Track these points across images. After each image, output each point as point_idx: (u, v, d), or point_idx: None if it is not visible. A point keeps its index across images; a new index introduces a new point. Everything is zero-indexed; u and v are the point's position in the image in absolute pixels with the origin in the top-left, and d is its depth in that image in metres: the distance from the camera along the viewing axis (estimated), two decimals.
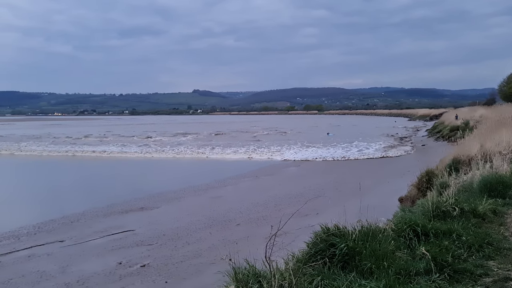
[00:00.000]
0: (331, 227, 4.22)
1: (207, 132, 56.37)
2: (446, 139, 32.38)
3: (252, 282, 3.18)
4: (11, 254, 9.26)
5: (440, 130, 38.82)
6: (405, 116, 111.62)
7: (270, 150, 31.16)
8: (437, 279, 3.69)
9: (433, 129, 43.84)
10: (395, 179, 17.67)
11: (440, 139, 34.64)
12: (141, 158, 29.18)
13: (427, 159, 16.89)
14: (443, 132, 36.55)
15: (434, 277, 3.72)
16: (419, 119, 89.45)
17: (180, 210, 13.59)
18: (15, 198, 16.78)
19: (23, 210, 14.38)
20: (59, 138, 48.52)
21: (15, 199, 16.55)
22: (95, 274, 7.92)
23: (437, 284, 3.63)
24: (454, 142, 24.39)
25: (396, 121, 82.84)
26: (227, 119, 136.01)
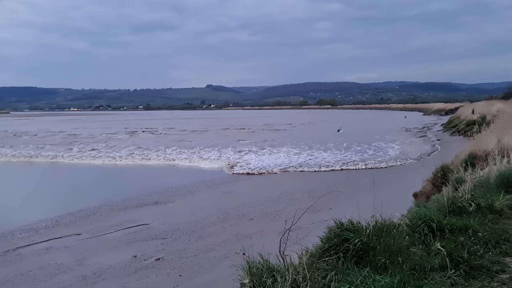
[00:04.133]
0: (345, 222, 4.22)
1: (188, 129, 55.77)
2: (462, 133, 31.87)
3: (266, 276, 3.20)
4: (30, 246, 9.46)
5: (456, 125, 38.22)
6: (419, 111, 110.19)
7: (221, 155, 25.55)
8: (453, 275, 3.66)
9: (449, 123, 43.18)
10: (409, 175, 17.52)
11: (456, 133, 34.12)
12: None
13: (443, 154, 16.69)
14: (458, 127, 35.98)
15: (449, 273, 3.69)
16: (434, 114, 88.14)
17: (193, 204, 13.69)
18: (33, 193, 17.11)
19: (41, 204, 14.64)
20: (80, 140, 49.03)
21: (33, 194, 16.88)
22: (111, 267, 8.05)
23: (453, 280, 3.60)
24: (470, 136, 24.04)
25: (407, 116, 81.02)
26: (236, 114, 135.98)
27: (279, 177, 18.38)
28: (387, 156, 23.48)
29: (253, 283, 3.19)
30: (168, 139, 38.32)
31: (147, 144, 32.87)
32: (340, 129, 45.19)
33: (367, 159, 22.48)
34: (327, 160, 22.85)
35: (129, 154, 26.92)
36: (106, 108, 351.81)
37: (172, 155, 26.37)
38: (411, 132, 42.02)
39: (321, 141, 32.47)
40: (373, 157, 23.56)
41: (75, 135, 45.02)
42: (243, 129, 52.92)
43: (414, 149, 26.48)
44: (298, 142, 32.16)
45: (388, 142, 31.32)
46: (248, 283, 3.20)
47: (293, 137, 36.76)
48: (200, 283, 7.13)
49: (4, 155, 27.81)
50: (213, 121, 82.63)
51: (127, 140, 37.81)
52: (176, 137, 41.29)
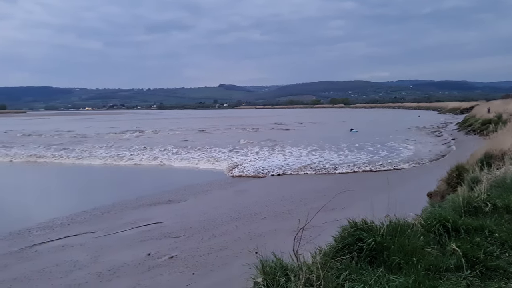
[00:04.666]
0: (358, 221, 4.19)
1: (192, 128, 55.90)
2: (478, 132, 31.42)
3: (280, 275, 3.20)
4: (46, 243, 9.61)
5: (471, 124, 37.68)
6: (434, 110, 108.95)
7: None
8: (468, 276, 3.61)
9: (464, 122, 42.57)
10: (423, 174, 17.34)
11: (471, 133, 33.65)
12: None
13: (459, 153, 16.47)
14: (474, 126, 35.47)
15: (465, 273, 3.64)
16: (449, 113, 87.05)
17: (206, 203, 13.75)
18: (48, 191, 17.39)
19: (56, 202, 14.87)
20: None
21: (48, 192, 17.16)
22: (125, 265, 8.13)
23: (468, 281, 3.56)
24: (486, 136, 23.67)
25: (421, 115, 79.86)
26: (248, 113, 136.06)
27: (289, 178, 18.34)
28: (400, 157, 22.74)
29: (266, 281, 3.19)
30: (177, 139, 38.48)
31: (155, 144, 33.03)
32: (353, 128, 44.68)
33: (379, 160, 21.65)
34: (338, 161, 22.04)
35: (132, 154, 26.64)
36: (120, 107, 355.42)
37: (181, 154, 26.27)
38: (426, 131, 41.55)
39: (333, 141, 31.99)
40: (386, 158, 22.65)
41: (84, 135, 45.56)
42: (255, 128, 52.91)
43: (428, 149, 26.17)
44: (309, 142, 31.69)
45: (402, 142, 30.72)
46: (262, 282, 3.20)
47: (304, 137, 36.39)
48: (213, 281, 7.17)
49: (18, 155, 28.26)
50: (226, 120, 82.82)
51: (134, 140, 38.12)
52: (183, 136, 41.51)
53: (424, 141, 31.41)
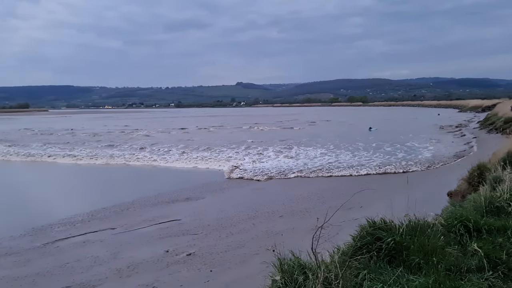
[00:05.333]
0: (377, 221, 4.16)
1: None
2: (500, 131, 30.74)
3: (298, 273, 3.20)
4: (68, 239, 9.81)
5: (493, 122, 36.89)
6: (455, 108, 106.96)
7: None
8: (490, 277, 3.55)
9: (485, 120, 41.70)
10: (443, 173, 17.07)
11: (493, 131, 32.94)
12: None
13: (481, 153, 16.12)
14: (496, 124, 34.70)
15: (487, 274, 3.58)
16: (470, 111, 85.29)
17: (223, 201, 13.82)
18: (69, 189, 17.74)
19: (77, 199, 15.14)
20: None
21: (69, 190, 17.50)
22: (144, 261, 8.24)
23: (490, 282, 3.50)
24: (508, 134, 23.14)
25: (440, 113, 78.27)
26: (266, 112, 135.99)
27: (304, 178, 18.25)
28: (418, 158, 21.78)
29: (284, 279, 3.20)
30: (197, 138, 38.72)
31: (166, 142, 33.24)
32: (371, 127, 44.13)
33: (396, 162, 20.55)
34: (352, 162, 21.11)
35: (133, 154, 26.38)
36: (139, 106, 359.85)
37: (193, 154, 26.20)
38: (446, 129, 40.83)
39: (350, 140, 31.46)
40: (404, 159, 21.47)
41: (97, 133, 46.24)
42: (271, 126, 52.89)
43: (449, 148, 25.71)
44: (325, 141, 31.16)
45: (422, 141, 30.03)
46: (280, 280, 3.21)
47: (321, 136, 35.93)
48: (230, 279, 7.20)
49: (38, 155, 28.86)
50: (243, 118, 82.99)
51: (146, 139, 38.45)
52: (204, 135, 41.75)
53: (445, 139, 30.85)
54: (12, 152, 28.94)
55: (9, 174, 21.98)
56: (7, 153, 28.58)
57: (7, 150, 29.95)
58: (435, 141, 29.79)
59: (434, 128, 43.03)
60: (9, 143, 35.49)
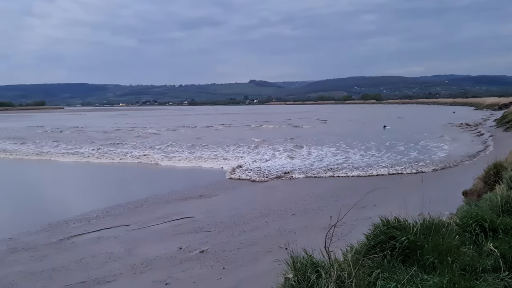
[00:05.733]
0: (391, 219, 4.13)
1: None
2: None
3: (310, 271, 3.20)
4: (83, 235, 9.95)
5: (510, 120, 36.24)
6: (471, 105, 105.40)
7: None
8: (506, 277, 3.50)
9: (502, 118, 40.95)
10: (458, 172, 16.86)
11: (510, 129, 32.36)
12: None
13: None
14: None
15: (503, 275, 3.53)
16: (486, 108, 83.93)
17: (236, 198, 13.87)
18: (84, 186, 17.99)
19: (92, 196, 15.35)
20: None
21: (84, 187, 17.75)
22: (157, 258, 8.32)
23: (506, 282, 3.44)
24: None
25: (456, 111, 77.01)
26: (278, 110, 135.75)
27: (313, 177, 18.19)
28: (432, 158, 21.04)
29: (297, 278, 3.20)
30: (209, 136, 38.86)
31: (181, 140, 33.42)
32: (386, 125, 43.52)
33: (409, 162, 19.86)
34: (364, 161, 20.55)
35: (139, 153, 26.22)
36: (152, 103, 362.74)
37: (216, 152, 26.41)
38: (462, 128, 40.27)
39: (362, 139, 30.77)
40: (416, 159, 20.73)
41: (106, 131, 46.68)
42: (282, 125, 52.80)
43: (464, 146, 25.35)
44: (337, 140, 30.48)
45: (436, 140, 29.39)
46: (292, 278, 3.21)
47: (332, 135, 35.32)
48: (243, 276, 7.23)
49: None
50: (255, 116, 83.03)
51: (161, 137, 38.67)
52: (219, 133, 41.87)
53: (460, 138, 30.44)
54: (25, 150, 29.35)
55: (22, 172, 22.36)
56: (20, 151, 28.97)
57: (19, 148, 30.47)
58: (450, 139, 29.38)
59: (449, 126, 42.47)
60: (20, 140, 36.04)
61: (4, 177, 20.45)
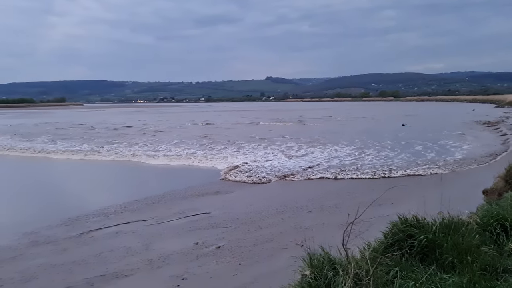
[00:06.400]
0: (409, 217, 4.09)
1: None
2: None
3: (328, 268, 3.19)
4: (101, 230, 10.12)
5: None
6: (491, 103, 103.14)
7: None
8: None
9: None
10: (478, 171, 16.57)
11: None
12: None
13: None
14: None
15: None
16: (508, 106, 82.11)
17: (252, 195, 13.91)
18: (102, 182, 18.28)
19: (110, 192, 15.59)
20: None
21: (102, 183, 18.03)
22: (174, 253, 8.40)
23: None
24: None
25: (475, 109, 75.31)
26: (295, 106, 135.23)
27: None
28: (451, 158, 19.89)
29: (314, 275, 3.20)
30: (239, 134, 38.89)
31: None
32: (404, 124, 42.15)
33: (423, 164, 18.36)
34: (380, 162, 19.37)
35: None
36: (170, 100, 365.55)
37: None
38: (482, 126, 39.48)
39: (378, 137, 29.68)
40: (434, 160, 19.46)
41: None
42: (297, 123, 52.59)
43: (484, 145, 24.83)
44: (352, 138, 29.34)
45: (456, 139, 28.24)
46: (309, 275, 3.21)
47: (347, 133, 34.19)
48: (259, 273, 7.25)
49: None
50: (271, 113, 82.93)
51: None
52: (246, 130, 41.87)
53: (480, 136, 29.81)
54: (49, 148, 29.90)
55: (35, 169, 22.79)
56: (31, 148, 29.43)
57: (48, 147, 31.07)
58: (470, 138, 28.74)
59: (469, 124, 41.64)
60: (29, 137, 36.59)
61: (15, 174, 20.93)
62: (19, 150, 27.75)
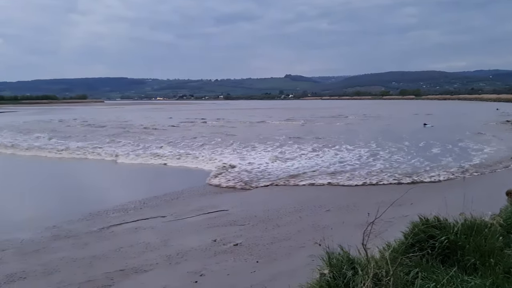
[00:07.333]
0: (430, 218, 4.03)
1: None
2: None
3: (346, 268, 3.17)
4: (121, 225, 10.27)
5: None
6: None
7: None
8: None
9: None
10: (502, 172, 16.18)
11: None
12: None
13: None
14: None
15: None
16: None
17: (270, 193, 13.90)
18: (122, 179, 18.55)
19: (130, 188, 15.81)
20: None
21: (122, 180, 18.30)
22: (192, 249, 8.47)
23: None
24: None
25: (499, 108, 73.08)
26: (309, 105, 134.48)
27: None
28: (470, 163, 18.19)
29: (332, 274, 3.18)
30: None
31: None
32: (426, 123, 40.51)
33: (431, 171, 16.55)
34: (383, 167, 17.71)
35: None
36: (189, 97, 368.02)
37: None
38: (506, 125, 38.48)
39: (395, 138, 28.27)
40: (451, 164, 17.94)
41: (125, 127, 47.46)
42: (315, 122, 52.27)
43: (508, 146, 24.14)
44: (367, 139, 27.85)
45: (478, 140, 26.93)
46: (328, 274, 3.19)
47: (363, 133, 32.66)
48: (277, 271, 7.25)
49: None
50: (287, 112, 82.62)
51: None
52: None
53: (504, 137, 28.97)
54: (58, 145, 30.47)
55: (61, 166, 23.24)
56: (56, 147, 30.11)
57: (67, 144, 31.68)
58: (493, 139, 27.91)
59: (493, 124, 40.60)
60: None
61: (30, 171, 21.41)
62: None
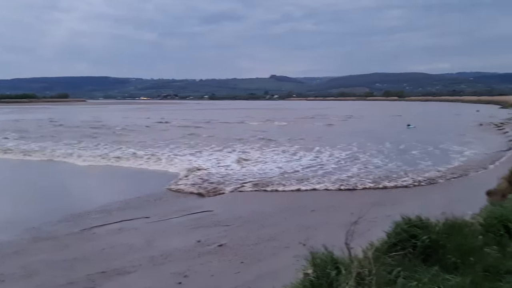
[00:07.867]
0: (412, 218, 4.07)
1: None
2: None
3: (330, 267, 3.18)
4: (104, 226, 10.13)
5: None
6: (496, 104, 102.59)
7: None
8: None
9: None
10: (482, 172, 16.49)
11: None
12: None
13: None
14: None
15: None
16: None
17: (256, 194, 13.89)
18: (106, 177, 18.31)
19: (113, 188, 15.62)
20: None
21: (106, 177, 18.07)
22: (176, 250, 8.42)
23: None
24: None
25: (480, 110, 74.32)
26: (294, 105, 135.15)
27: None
28: (449, 166, 18.02)
29: (316, 273, 3.18)
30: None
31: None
32: (410, 124, 40.33)
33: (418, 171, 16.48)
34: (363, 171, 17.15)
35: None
36: (173, 97, 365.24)
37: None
38: (487, 127, 39.22)
39: (377, 140, 27.93)
40: (431, 167, 17.66)
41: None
42: (297, 122, 52.50)
43: (488, 146, 24.62)
44: (350, 140, 27.14)
45: (459, 142, 26.77)
46: (312, 274, 3.20)
47: (346, 134, 32.44)
48: (261, 271, 7.25)
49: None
50: (272, 112, 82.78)
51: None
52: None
53: (484, 137, 29.53)
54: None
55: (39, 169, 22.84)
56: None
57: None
58: (474, 140, 28.19)
59: (473, 126, 41.25)
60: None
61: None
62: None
